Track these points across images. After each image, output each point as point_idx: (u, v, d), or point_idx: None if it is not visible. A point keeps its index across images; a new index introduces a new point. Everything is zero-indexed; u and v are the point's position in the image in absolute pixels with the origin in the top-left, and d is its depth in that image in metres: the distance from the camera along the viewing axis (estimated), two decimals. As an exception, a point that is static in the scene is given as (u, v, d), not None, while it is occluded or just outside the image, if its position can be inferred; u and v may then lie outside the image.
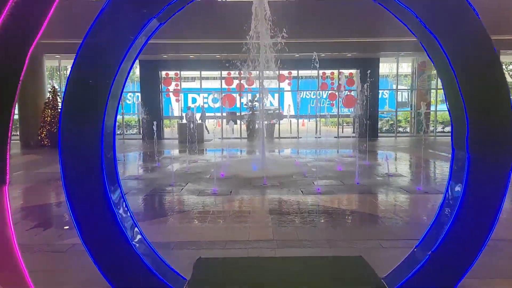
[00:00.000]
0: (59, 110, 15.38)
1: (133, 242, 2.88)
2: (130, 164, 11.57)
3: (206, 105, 20.38)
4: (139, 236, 3.11)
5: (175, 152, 14.14)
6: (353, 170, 9.05)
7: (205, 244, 4.43)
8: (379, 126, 19.42)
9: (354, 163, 10.42)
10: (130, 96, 21.44)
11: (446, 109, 3.41)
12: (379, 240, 4.51)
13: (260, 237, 4.66)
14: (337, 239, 4.65)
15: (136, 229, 3.12)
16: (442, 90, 22.69)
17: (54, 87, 15.28)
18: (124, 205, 3.03)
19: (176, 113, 21.20)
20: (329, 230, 5.03)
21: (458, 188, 2.98)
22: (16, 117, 18.98)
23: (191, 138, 15.09)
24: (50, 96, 15.14)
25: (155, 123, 10.21)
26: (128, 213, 3.11)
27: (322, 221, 5.47)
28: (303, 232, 4.90)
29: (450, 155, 3.12)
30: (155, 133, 10.60)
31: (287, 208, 6.11)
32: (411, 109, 20.46)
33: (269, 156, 12.35)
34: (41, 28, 2.44)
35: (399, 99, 23.66)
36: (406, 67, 22.66)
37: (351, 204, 6.81)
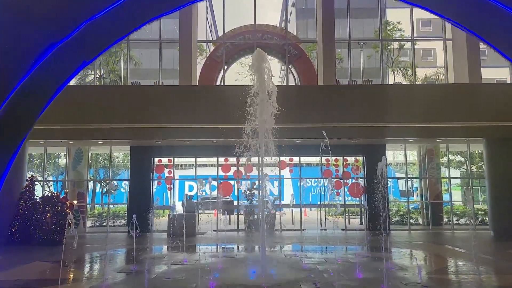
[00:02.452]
0: (34, 201, 13.93)
1: None
2: (101, 267, 9.67)
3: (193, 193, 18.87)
4: None
5: (161, 249, 12.26)
6: (376, 278, 7.26)
7: None
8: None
9: (373, 266, 8.63)
10: (124, 184, 20.04)
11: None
12: None
13: None
14: None
15: None
16: (454, 179, 21.13)
17: (32, 175, 13.87)
18: None
19: (169, 202, 19.55)
20: None
21: None
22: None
23: (181, 231, 13.22)
24: (27, 185, 13.64)
25: (134, 216, 8.61)
26: None
27: None
28: None
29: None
30: (135, 227, 8.91)
31: None
32: (422, 199, 18.89)
33: (270, 254, 10.51)
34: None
35: (403, 188, 22.25)
36: (407, 155, 21.61)
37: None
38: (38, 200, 13.34)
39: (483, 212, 18.90)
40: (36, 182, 14.09)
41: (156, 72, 17.50)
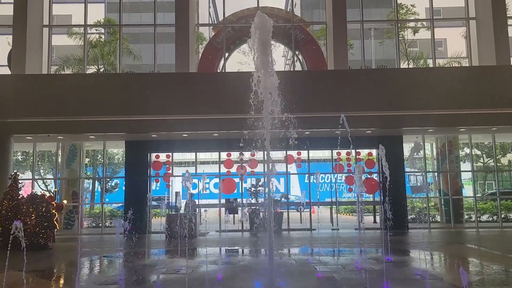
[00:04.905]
0: (17, 201, 12.69)
1: None
2: (81, 278, 8.38)
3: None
4: None
5: (156, 253, 10.97)
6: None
7: None
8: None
9: (401, 274, 7.28)
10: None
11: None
12: None
13: None
14: None
15: None
16: (478, 173, 19.48)
17: (15, 172, 12.62)
18: None
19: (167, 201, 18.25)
20: None
21: None
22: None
23: (180, 233, 11.88)
24: (11, 184, 12.39)
25: (121, 219, 7.28)
26: None
27: None
28: None
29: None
30: (116, 227, 7.62)
31: None
32: (440, 195, 17.43)
33: (279, 260, 9.16)
34: None
35: (414, 183, 20.82)
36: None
37: None
38: (21, 199, 12.09)
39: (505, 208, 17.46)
40: (21, 181, 12.80)
41: (159, 68, 16.12)
